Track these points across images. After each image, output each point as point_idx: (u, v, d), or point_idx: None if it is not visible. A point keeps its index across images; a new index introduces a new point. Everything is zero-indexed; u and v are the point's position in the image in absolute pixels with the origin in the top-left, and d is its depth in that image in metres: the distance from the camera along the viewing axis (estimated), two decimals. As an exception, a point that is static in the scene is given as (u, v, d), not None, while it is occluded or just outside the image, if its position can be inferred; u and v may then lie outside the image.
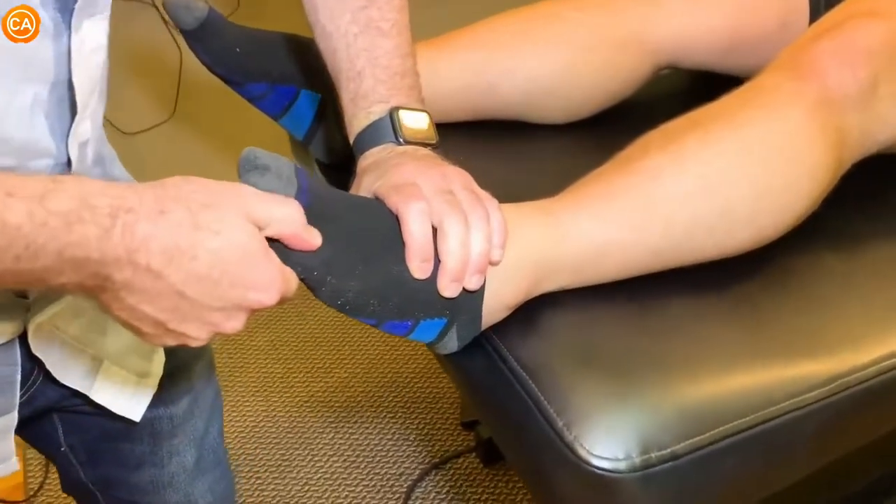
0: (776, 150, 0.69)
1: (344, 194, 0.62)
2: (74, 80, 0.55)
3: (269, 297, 0.50)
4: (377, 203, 0.61)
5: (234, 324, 0.51)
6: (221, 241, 0.48)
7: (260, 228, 0.51)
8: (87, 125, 0.59)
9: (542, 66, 0.89)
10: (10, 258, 0.44)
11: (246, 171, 0.54)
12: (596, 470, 0.55)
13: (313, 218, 0.54)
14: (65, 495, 0.88)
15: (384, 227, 0.59)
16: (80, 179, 0.47)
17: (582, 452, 0.56)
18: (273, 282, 0.50)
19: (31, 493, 1.47)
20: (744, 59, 0.93)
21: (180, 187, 0.48)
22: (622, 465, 0.55)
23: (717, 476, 0.59)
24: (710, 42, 0.93)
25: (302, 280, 0.57)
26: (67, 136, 0.57)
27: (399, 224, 0.59)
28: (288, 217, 0.52)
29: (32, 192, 0.44)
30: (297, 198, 0.54)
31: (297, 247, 0.54)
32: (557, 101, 0.91)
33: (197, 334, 0.51)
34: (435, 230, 0.59)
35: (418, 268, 0.59)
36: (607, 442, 0.56)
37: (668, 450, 0.56)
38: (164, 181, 0.49)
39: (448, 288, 0.59)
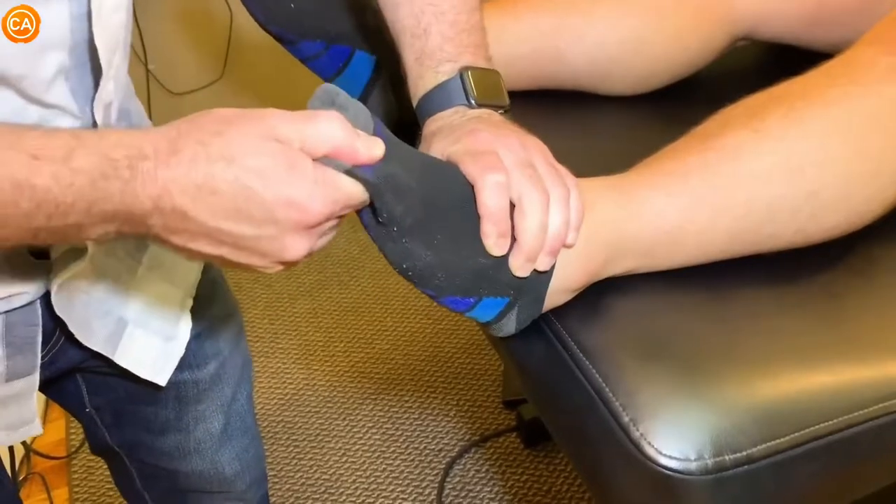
0: (869, 130, 0.64)
1: (419, 153, 0.56)
2: (97, 41, 0.53)
3: (312, 212, 0.47)
4: (453, 168, 0.56)
5: (293, 252, 0.48)
6: (237, 168, 0.45)
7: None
8: (111, 86, 0.57)
9: (612, 31, 0.84)
10: (42, 217, 0.45)
11: (320, 105, 0.49)
12: (664, 470, 0.51)
13: (388, 169, 0.50)
14: (101, 454, 0.88)
15: (459, 195, 0.55)
16: (100, 133, 0.46)
17: (649, 451, 0.52)
18: (311, 194, 0.46)
19: (73, 449, 1.48)
20: (829, 32, 0.87)
21: (194, 121, 0.47)
22: (693, 467, 0.51)
23: (796, 483, 0.54)
24: (795, 11, 0.87)
25: (372, 236, 0.53)
26: (92, 98, 0.56)
27: (474, 194, 0.55)
28: (323, 133, 0.47)
29: (56, 152, 0.44)
30: None
31: (353, 161, 0.48)
32: (627, 69, 0.85)
33: (262, 264, 0.49)
34: (512, 205, 0.55)
35: (494, 244, 0.55)
36: (678, 440, 0.52)
37: (744, 452, 0.52)
38: (180, 120, 0.47)
39: (522, 268, 0.55)
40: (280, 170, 0.46)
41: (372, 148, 0.48)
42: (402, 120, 0.82)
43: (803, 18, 0.88)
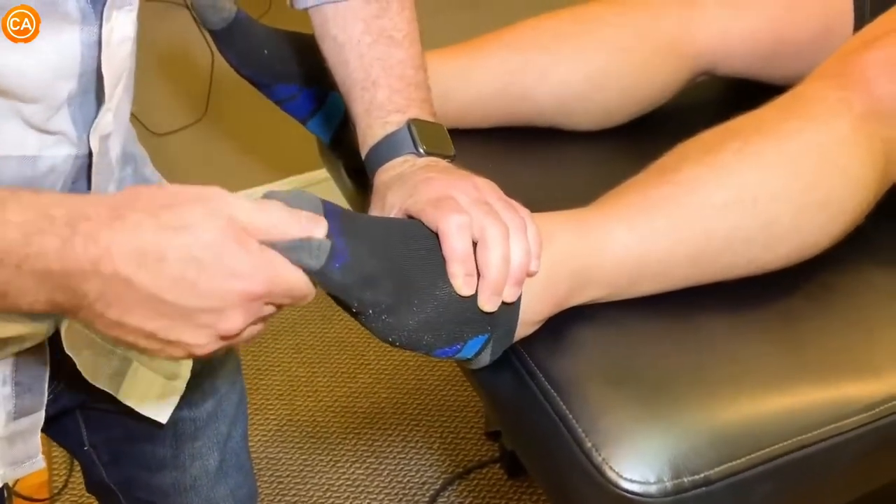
0: (819, 162, 0.66)
1: (379, 220, 0.59)
2: (104, 70, 0.54)
3: (252, 284, 0.47)
4: (414, 223, 0.58)
5: (230, 323, 0.48)
6: (188, 237, 0.45)
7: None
8: (110, 117, 0.57)
9: (577, 70, 0.87)
10: None
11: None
12: (625, 494, 0.53)
13: (355, 256, 0.52)
14: (88, 494, 0.88)
15: (425, 248, 0.57)
16: (37, 190, 0.46)
17: (611, 475, 0.53)
18: (254, 268, 0.47)
19: (56, 491, 1.47)
20: (784, 66, 0.90)
21: (138, 193, 0.47)
22: (653, 490, 0.53)
23: (754, 503, 0.56)
24: (752, 47, 0.90)
25: (351, 313, 0.55)
26: (90, 126, 0.56)
27: (438, 241, 0.57)
28: (269, 223, 0.48)
29: None
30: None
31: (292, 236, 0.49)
32: (591, 106, 0.88)
33: (196, 340, 0.48)
34: (474, 243, 0.57)
35: (463, 283, 0.56)
36: (638, 465, 0.53)
37: (702, 475, 0.54)
38: (119, 192, 0.48)
39: (489, 302, 0.57)
40: (228, 243, 0.47)
41: (312, 229, 0.50)
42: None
43: (760, 53, 0.91)
